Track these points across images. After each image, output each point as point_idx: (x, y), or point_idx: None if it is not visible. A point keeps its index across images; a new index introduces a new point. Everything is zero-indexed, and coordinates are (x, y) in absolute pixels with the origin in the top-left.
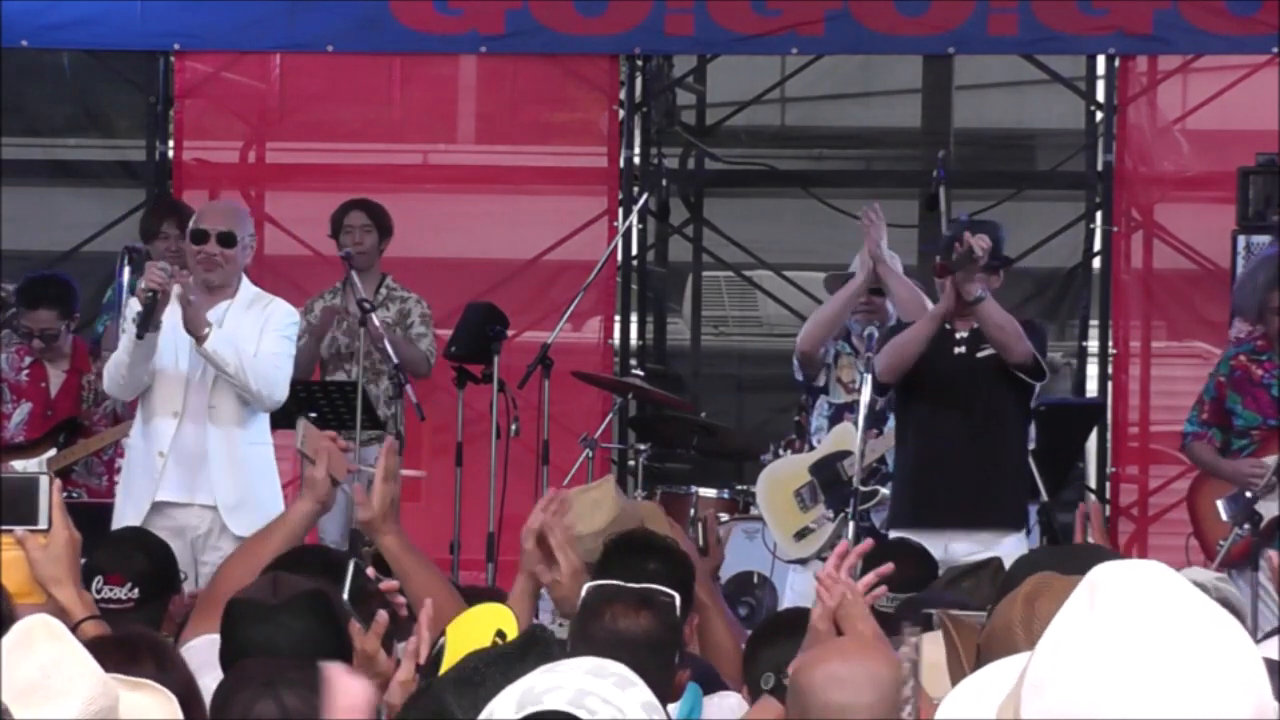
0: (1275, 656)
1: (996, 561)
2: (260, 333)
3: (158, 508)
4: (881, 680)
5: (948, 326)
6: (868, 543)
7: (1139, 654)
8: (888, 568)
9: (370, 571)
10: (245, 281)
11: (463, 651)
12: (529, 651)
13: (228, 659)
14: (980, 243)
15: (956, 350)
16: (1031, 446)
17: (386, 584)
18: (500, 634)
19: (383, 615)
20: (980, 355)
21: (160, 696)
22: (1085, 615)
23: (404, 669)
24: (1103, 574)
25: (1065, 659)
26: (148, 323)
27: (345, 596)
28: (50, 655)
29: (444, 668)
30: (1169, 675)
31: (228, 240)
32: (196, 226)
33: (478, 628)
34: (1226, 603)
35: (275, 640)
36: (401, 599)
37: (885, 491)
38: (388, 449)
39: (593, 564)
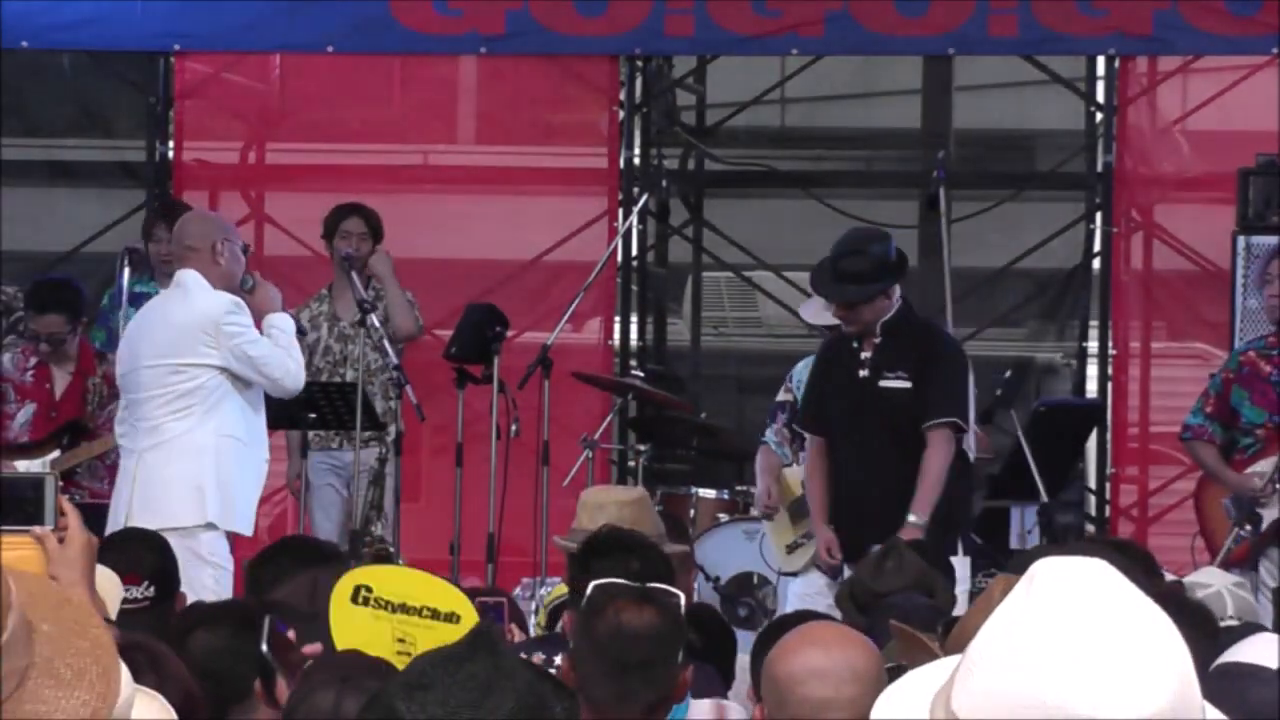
0: (1268, 654)
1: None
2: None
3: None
4: (862, 672)
5: (854, 345)
6: None
7: (1066, 648)
8: None
9: (291, 635)
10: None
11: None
12: (477, 650)
13: None
14: None
15: (861, 373)
16: (1031, 447)
17: (309, 649)
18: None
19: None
20: (885, 385)
21: (155, 702)
22: (1020, 608)
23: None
24: (1041, 568)
25: (994, 651)
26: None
27: (265, 648)
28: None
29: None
30: (1093, 669)
31: None
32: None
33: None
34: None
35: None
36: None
37: None
38: None
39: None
